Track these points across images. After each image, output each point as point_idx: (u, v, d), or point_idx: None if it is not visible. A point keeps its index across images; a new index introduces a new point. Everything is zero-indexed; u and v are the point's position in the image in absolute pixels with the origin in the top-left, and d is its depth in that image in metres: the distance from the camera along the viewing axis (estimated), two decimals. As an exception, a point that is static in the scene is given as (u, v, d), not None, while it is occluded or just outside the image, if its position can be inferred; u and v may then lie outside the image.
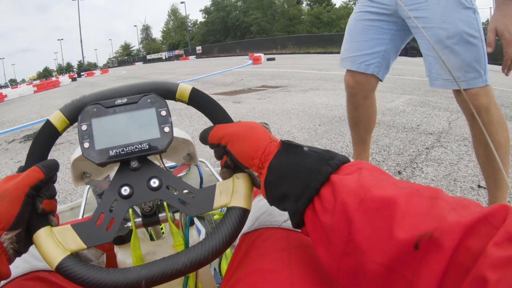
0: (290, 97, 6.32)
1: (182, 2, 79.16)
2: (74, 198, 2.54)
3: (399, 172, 2.49)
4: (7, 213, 0.48)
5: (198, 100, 0.65)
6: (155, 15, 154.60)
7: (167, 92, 0.64)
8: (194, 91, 0.65)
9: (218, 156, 0.63)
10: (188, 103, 0.65)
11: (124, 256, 0.89)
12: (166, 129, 0.60)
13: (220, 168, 1.43)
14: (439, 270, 0.31)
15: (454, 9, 1.46)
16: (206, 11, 64.97)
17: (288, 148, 0.52)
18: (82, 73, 37.62)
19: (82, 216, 1.44)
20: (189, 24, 72.81)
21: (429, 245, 0.32)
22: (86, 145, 0.57)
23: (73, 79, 27.69)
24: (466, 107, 1.54)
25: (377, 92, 1.94)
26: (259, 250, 0.60)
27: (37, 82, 33.20)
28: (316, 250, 0.47)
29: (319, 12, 52.63)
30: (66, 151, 4.00)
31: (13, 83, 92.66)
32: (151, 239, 1.01)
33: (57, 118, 0.60)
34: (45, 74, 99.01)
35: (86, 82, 21.87)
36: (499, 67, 1.46)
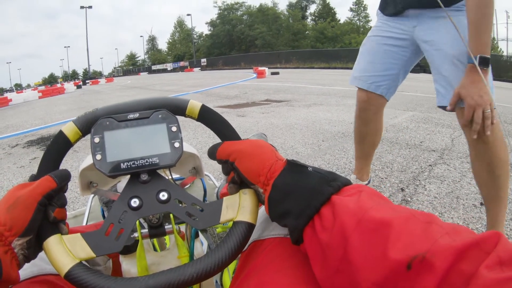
0: (294, 111, 6.35)
1: (188, 15, 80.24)
2: (77, 206, 2.55)
3: (402, 189, 2.49)
4: (20, 220, 0.50)
5: (208, 117, 0.67)
6: (161, 26, 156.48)
7: (177, 108, 0.66)
8: (204, 108, 0.67)
9: (226, 172, 0.65)
10: (198, 120, 0.67)
11: (129, 266, 0.91)
12: (176, 145, 0.62)
13: (223, 182, 1.44)
14: None
15: (462, 33, 1.50)
16: (212, 24, 65.50)
17: (293, 167, 0.55)
18: (87, 81, 37.74)
19: (86, 224, 1.45)
20: (195, 36, 73.30)
21: (421, 266, 0.34)
22: (98, 157, 0.59)
23: (78, 87, 27.80)
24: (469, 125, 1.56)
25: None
26: (267, 261, 0.60)
27: (42, 88, 33.41)
28: (312, 267, 0.49)
29: (323, 27, 52.98)
30: (70, 159, 4.02)
31: (18, 87, 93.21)
32: (155, 250, 1.02)
33: (70, 129, 0.62)
34: (51, 80, 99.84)
35: (91, 90, 21.98)
36: (503, 83, 1.49)
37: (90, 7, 60.91)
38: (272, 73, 20.04)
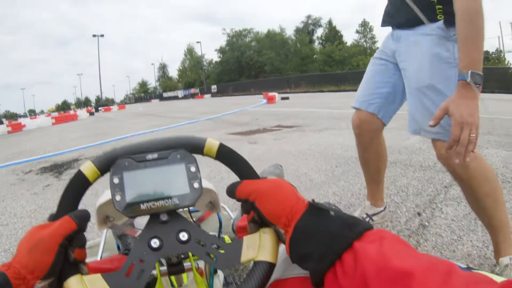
0: (306, 137, 6.35)
1: (198, 42, 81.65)
2: (90, 236, 2.56)
3: (419, 214, 2.47)
4: (41, 263, 0.50)
5: (225, 156, 0.67)
6: (171, 54, 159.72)
7: (195, 148, 0.66)
8: (222, 147, 0.67)
9: (246, 211, 0.64)
10: (216, 158, 0.68)
11: None
12: (196, 185, 0.62)
13: (238, 214, 1.46)
14: None
15: (431, 64, 1.52)
16: (221, 51, 66.67)
17: (315, 210, 0.55)
18: (99, 108, 38.43)
19: (101, 256, 1.45)
20: (205, 63, 74.48)
21: None
22: (118, 198, 0.59)
23: (91, 114, 28.43)
24: (441, 162, 1.59)
25: (392, 130, 2.01)
26: None
27: (56, 114, 34.08)
28: None
29: (331, 50, 53.53)
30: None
31: (32, 113, 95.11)
32: (171, 285, 1.02)
33: (88, 169, 0.62)
34: (64, 106, 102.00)
35: (103, 117, 22.28)
36: (502, 95, 1.48)
37: (102, 35, 62.47)
38: (282, 98, 20.20)
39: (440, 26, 1.50)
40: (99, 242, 1.56)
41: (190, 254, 0.81)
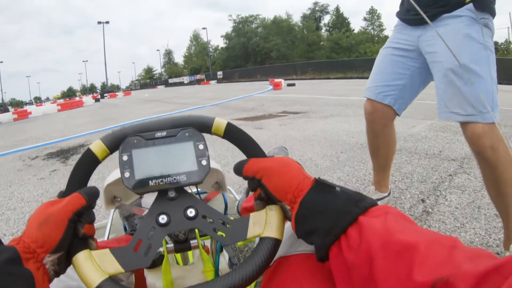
0: (311, 123, 6.34)
1: (204, 28, 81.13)
2: (97, 218, 2.58)
3: (423, 200, 2.49)
4: (51, 237, 0.51)
5: (233, 134, 0.68)
6: (177, 40, 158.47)
7: (203, 126, 0.67)
8: (229, 126, 0.68)
9: (252, 188, 0.65)
10: (223, 137, 0.68)
11: (154, 280, 0.93)
12: (204, 162, 0.63)
13: (243, 195, 1.47)
14: None
15: (463, 44, 1.49)
16: (227, 37, 66.15)
17: (321, 186, 0.56)
18: (105, 94, 38.43)
19: (108, 236, 1.48)
20: (211, 49, 73.97)
21: None
22: (127, 174, 0.60)
23: (96, 100, 28.43)
24: (470, 143, 1.55)
25: (398, 118, 1.98)
26: (293, 278, 0.61)
27: (61, 101, 34.24)
28: (336, 285, 0.50)
29: (338, 37, 53.05)
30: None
31: (38, 100, 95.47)
32: (177, 263, 1.03)
33: (98, 147, 0.63)
34: (69, 93, 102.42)
35: (109, 104, 22.30)
36: (510, 87, 1.46)
37: (107, 22, 62.09)
38: (288, 85, 20.06)
39: (470, 8, 1.48)
40: (106, 223, 1.58)
41: (197, 232, 0.84)
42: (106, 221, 1.62)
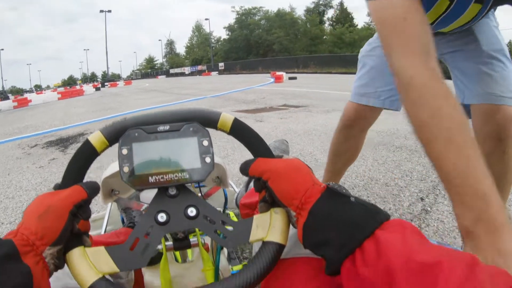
0: (312, 117, 6.32)
1: (206, 19, 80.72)
2: (94, 210, 2.58)
3: (422, 199, 2.48)
4: (52, 229, 0.49)
5: (240, 131, 0.65)
6: (179, 30, 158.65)
7: (209, 121, 0.64)
8: (236, 122, 0.64)
9: (258, 189, 0.63)
10: (229, 133, 0.65)
11: (152, 278, 0.91)
12: (207, 160, 0.60)
13: (242, 189, 1.46)
14: None
15: (496, 30, 1.48)
16: (229, 28, 65.83)
17: (333, 195, 0.52)
18: (106, 83, 38.53)
19: (105, 229, 1.46)
20: (213, 40, 73.77)
21: None
22: (126, 169, 0.57)
23: (97, 89, 28.39)
24: (500, 127, 1.47)
25: (399, 115, 1.86)
26: (290, 283, 0.60)
27: (62, 89, 34.14)
28: None
29: (341, 32, 52.63)
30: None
31: (38, 88, 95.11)
32: (175, 260, 1.02)
33: (96, 139, 0.60)
34: (70, 82, 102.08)
35: (109, 93, 22.26)
36: None
37: (109, 11, 61.95)
38: (290, 78, 19.98)
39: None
40: (104, 215, 1.57)
41: (197, 230, 0.81)
42: (104, 212, 1.60)
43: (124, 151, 0.58)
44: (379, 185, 2.82)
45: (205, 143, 0.61)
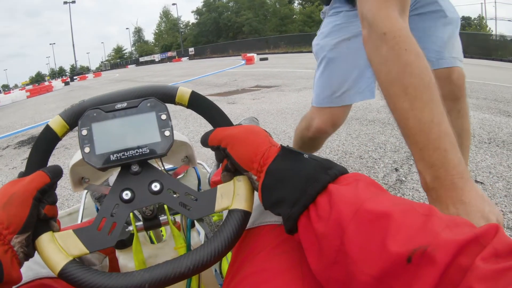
0: (285, 96, 6.33)
1: (173, 4, 79.36)
2: (71, 204, 2.54)
3: (396, 169, 2.50)
4: (17, 216, 0.49)
5: (198, 103, 0.65)
6: (146, 17, 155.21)
7: (166, 96, 0.64)
8: (194, 95, 0.65)
9: (219, 159, 0.63)
10: (188, 107, 0.65)
11: (126, 260, 0.91)
12: (167, 133, 0.59)
13: (214, 168, 1.41)
14: (430, 285, 0.31)
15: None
16: (198, 12, 65.11)
17: (288, 153, 0.52)
18: (75, 77, 37.61)
19: (81, 221, 1.44)
20: (181, 25, 72.97)
21: (422, 259, 0.33)
22: (87, 150, 0.57)
23: (66, 83, 27.77)
24: (455, 87, 1.51)
25: None
26: (260, 249, 0.59)
27: (30, 87, 33.25)
28: (307, 257, 0.47)
29: (311, 11, 52.66)
30: (62, 156, 3.98)
31: (6, 88, 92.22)
32: (151, 242, 1.01)
33: (57, 123, 0.60)
34: (38, 78, 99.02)
35: (79, 86, 21.86)
36: (492, 62, 1.47)
37: (73, 1, 60.45)
38: (261, 59, 20.06)
39: None
40: (79, 207, 1.56)
41: (166, 208, 0.82)
42: (79, 205, 1.58)
43: (84, 132, 0.58)
44: (353, 158, 2.83)
45: (163, 117, 0.60)
